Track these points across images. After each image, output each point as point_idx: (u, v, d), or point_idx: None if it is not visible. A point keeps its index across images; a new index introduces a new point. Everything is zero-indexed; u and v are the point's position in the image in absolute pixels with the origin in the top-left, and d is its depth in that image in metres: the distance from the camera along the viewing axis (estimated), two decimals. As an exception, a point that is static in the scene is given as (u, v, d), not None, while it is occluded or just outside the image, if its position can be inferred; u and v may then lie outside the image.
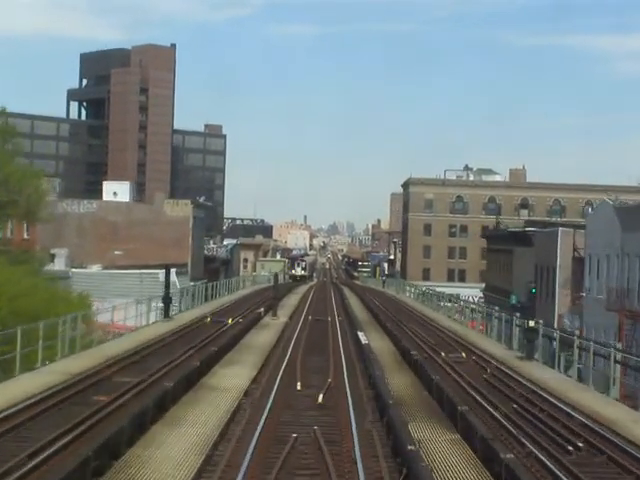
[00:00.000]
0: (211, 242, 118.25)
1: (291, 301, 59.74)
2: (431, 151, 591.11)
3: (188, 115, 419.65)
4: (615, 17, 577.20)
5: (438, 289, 68.13)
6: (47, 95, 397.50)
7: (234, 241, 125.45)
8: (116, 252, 63.17)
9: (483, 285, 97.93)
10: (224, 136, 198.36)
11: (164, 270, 39.92)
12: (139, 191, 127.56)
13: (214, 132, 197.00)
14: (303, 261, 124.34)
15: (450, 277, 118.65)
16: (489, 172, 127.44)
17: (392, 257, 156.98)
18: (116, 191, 79.70)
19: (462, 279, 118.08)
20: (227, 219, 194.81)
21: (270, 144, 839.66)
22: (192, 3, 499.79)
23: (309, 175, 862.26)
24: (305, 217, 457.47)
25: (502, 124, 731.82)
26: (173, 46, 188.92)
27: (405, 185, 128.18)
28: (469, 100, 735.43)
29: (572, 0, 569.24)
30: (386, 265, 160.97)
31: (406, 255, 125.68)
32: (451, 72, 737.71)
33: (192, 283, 68.52)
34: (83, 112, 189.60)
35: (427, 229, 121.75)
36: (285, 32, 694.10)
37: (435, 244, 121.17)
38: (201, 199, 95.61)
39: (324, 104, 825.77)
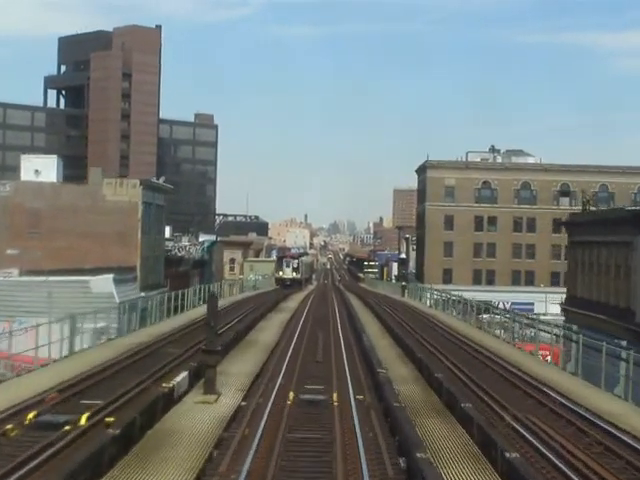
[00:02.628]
0: (184, 239, 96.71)
1: (266, 333, 36.08)
2: (430, 150, 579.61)
3: (176, 104, 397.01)
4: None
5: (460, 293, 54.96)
6: (23, 83, 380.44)
7: (212, 237, 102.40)
8: (9, 251, 44.75)
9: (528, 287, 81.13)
10: (216, 127, 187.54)
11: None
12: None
13: (205, 122, 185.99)
14: (294, 259, 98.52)
15: (476, 279, 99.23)
16: (520, 153, 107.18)
17: (404, 256, 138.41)
18: (38, 168, 59.82)
19: (490, 282, 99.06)
20: (218, 215, 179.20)
21: (267, 140, 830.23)
22: (192, 2, 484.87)
23: (308, 172, 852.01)
24: (306, 215, 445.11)
25: (502, 121, 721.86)
26: (158, 27, 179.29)
27: (421, 170, 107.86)
28: (468, 100, 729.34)
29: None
30: (395, 265, 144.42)
31: (422, 253, 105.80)
32: (449, 73, 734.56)
33: (143, 294, 51.05)
34: (62, 100, 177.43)
35: (448, 222, 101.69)
36: (283, 29, 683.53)
37: (458, 240, 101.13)
38: (161, 180, 74.07)
39: (324, 101, 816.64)
